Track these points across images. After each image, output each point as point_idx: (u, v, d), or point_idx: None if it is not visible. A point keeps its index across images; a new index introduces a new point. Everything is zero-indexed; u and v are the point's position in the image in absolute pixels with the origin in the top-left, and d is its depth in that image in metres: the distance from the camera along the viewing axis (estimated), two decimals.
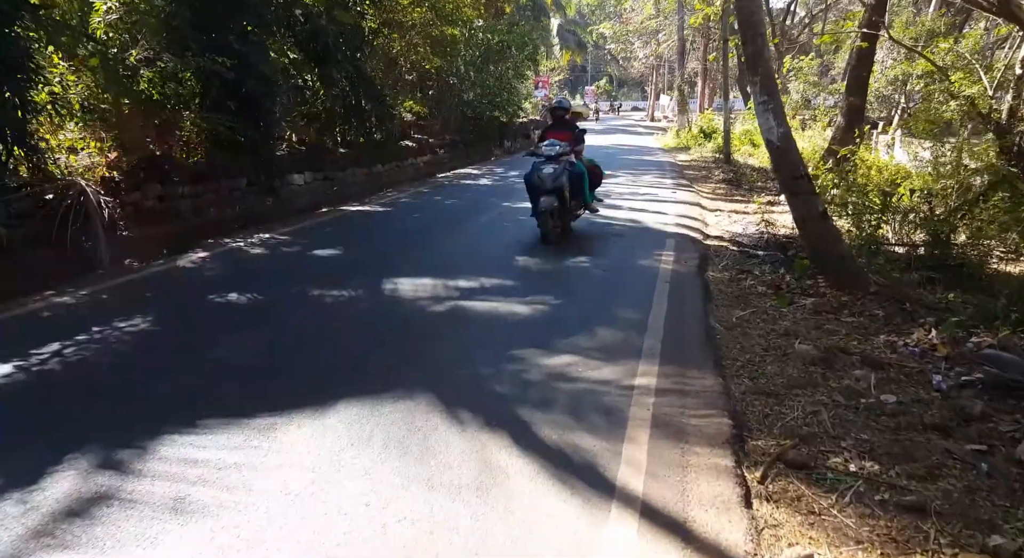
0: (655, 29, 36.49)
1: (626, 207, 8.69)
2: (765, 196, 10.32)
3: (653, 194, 10.04)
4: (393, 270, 5.06)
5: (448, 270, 5.08)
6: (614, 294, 4.59)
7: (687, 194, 10.21)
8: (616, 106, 58.32)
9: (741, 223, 8.05)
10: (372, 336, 3.74)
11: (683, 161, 16.96)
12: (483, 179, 12.24)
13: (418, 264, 5.36)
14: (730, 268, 5.65)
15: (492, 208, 8.50)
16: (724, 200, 10.08)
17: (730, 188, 11.66)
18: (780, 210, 8.93)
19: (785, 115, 5.05)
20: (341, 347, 3.58)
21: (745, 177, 13.20)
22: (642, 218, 7.83)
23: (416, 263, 5.40)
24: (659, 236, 6.81)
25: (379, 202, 9.19)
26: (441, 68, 14.95)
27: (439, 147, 14.72)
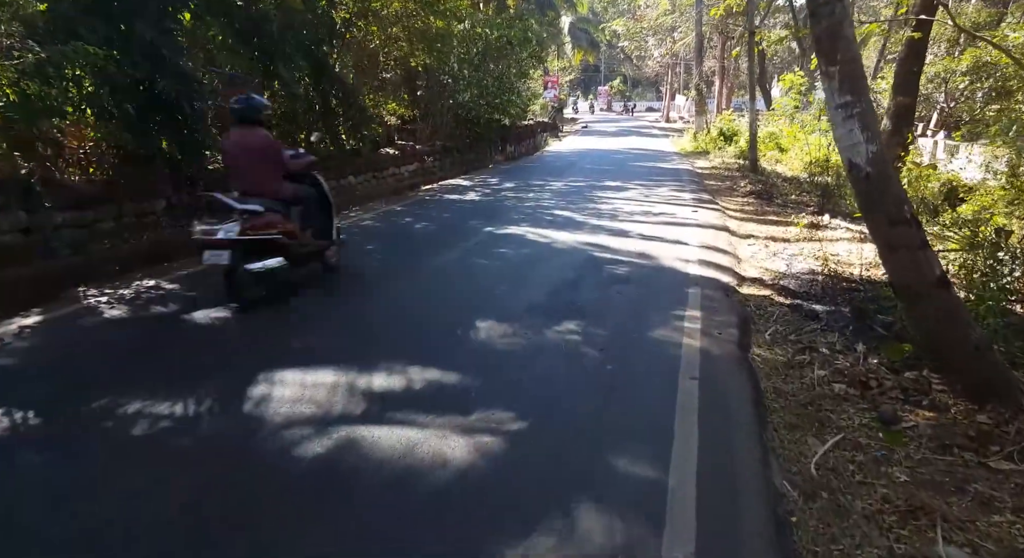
0: (671, 26, 34.66)
1: (635, 233, 6.99)
2: (805, 216, 8.57)
3: (669, 214, 8.33)
4: (280, 356, 3.40)
5: (362, 354, 3.41)
6: (612, 409, 2.90)
7: (711, 214, 8.49)
8: (630, 107, 56.40)
9: (783, 255, 6.33)
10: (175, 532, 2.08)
11: (702, 169, 15.20)
12: (472, 193, 10.61)
13: (325, 339, 3.70)
14: (783, 340, 3.95)
15: (469, 235, 6.86)
16: (756, 221, 8.35)
17: (760, 203, 9.91)
18: (831, 236, 7.18)
19: (878, 126, 3.35)
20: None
21: (776, 189, 11.43)
22: (655, 251, 6.13)
23: (323, 337, 3.75)
24: (678, 282, 5.12)
25: (339, 224, 7.57)
26: (431, 66, 13.35)
27: (428, 154, 13.12)
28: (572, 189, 10.88)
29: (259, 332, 3.88)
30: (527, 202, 9.36)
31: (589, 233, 6.97)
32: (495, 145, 18.49)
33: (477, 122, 15.61)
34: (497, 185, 11.64)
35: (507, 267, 5.50)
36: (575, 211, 8.49)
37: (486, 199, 9.82)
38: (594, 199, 9.62)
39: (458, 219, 7.93)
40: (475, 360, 3.39)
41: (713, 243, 6.63)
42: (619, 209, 8.64)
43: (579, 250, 6.16)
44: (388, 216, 8.17)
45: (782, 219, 8.48)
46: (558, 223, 7.60)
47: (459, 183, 12.16)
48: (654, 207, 8.91)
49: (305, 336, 3.76)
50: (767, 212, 9.09)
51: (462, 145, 15.30)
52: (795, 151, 16.17)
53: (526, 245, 6.38)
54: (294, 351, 3.50)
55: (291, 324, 4.03)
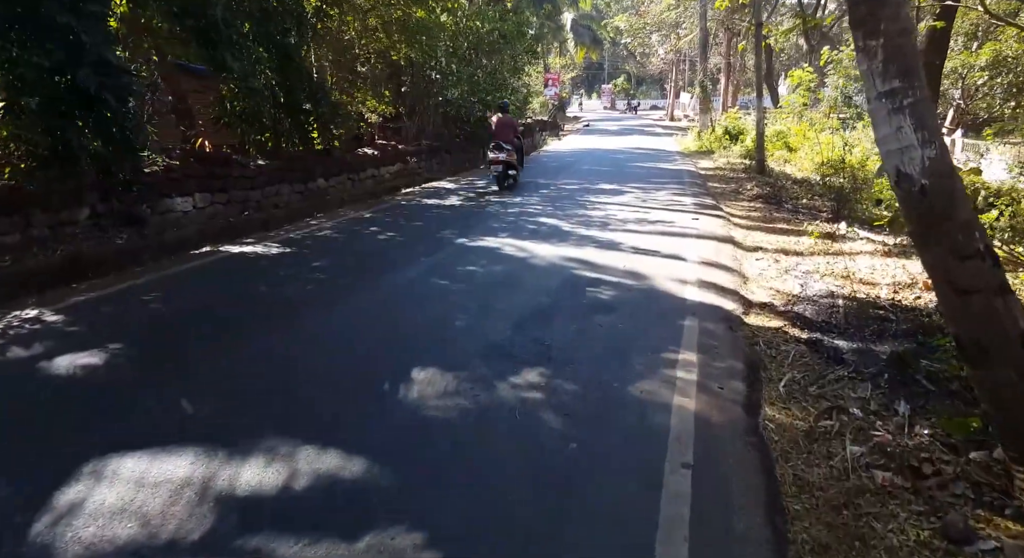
0: (674, 21, 33.71)
1: (627, 246, 6.14)
2: (819, 223, 7.71)
3: (667, 222, 7.47)
4: (126, 430, 2.57)
5: (243, 425, 2.55)
6: (568, 528, 2.06)
7: (713, 222, 7.63)
8: (634, 105, 55.44)
9: (797, 273, 5.47)
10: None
11: (706, 169, 14.32)
12: (453, 197, 9.78)
13: (201, 399, 2.88)
14: (802, 393, 3.11)
15: (437, 248, 6.04)
16: (764, 229, 7.48)
17: (769, 209, 9.04)
18: (849, 249, 6.32)
19: (937, 122, 2.49)
20: None
21: (785, 191, 10.56)
22: (648, 268, 5.29)
23: (200, 396, 2.92)
24: (672, 310, 4.28)
25: (291, 235, 6.77)
26: (416, 60, 12.53)
27: (412, 155, 12.30)
28: (564, 192, 10.04)
29: (115, 389, 3.03)
30: (511, 208, 8.52)
31: (574, 246, 6.14)
32: (489, 144, 17.66)
33: (468, 120, 14.78)
34: (483, 188, 10.80)
35: (471, 291, 4.67)
36: (563, 219, 7.65)
37: (468, 204, 8.99)
38: (586, 204, 8.78)
39: (430, 228, 7.10)
40: (392, 438, 2.55)
41: (715, 258, 5.78)
42: (612, 216, 7.80)
43: (560, 267, 5.32)
44: (352, 225, 7.34)
45: (793, 227, 7.62)
46: (541, 233, 6.76)
47: (443, 185, 11.33)
48: (651, 214, 8.06)
49: (176, 394, 2.92)
50: (776, 219, 8.23)
51: (451, 145, 14.49)
52: (805, 151, 15.27)
53: (499, 261, 5.55)
54: (150, 420, 2.66)
55: (165, 374, 3.19)
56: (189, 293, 4.74)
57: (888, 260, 5.87)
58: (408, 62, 12.78)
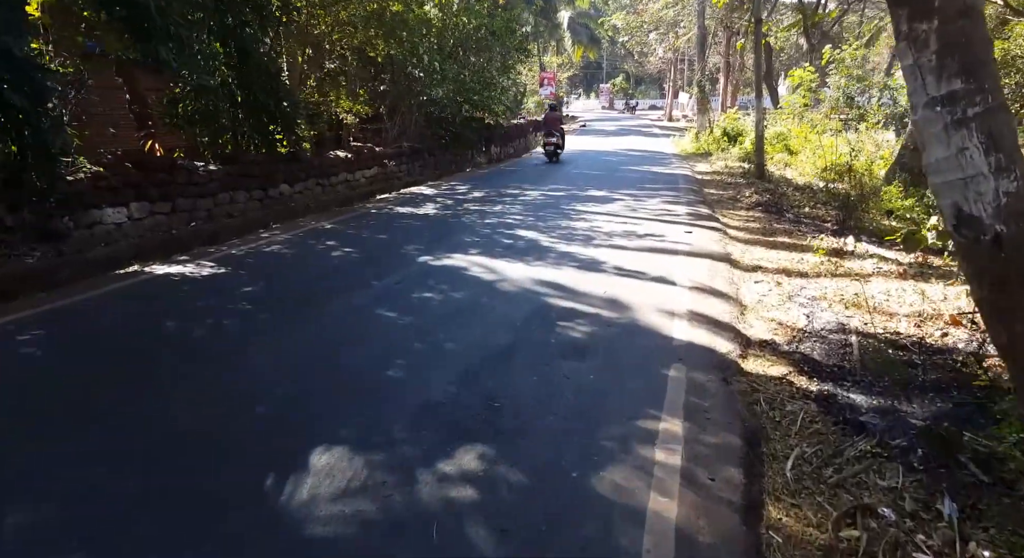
0: (673, 19, 33.01)
1: (611, 266, 5.45)
2: (824, 236, 7.03)
3: (658, 236, 6.78)
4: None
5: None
6: None
7: (709, 235, 6.94)
8: (632, 105, 54.76)
9: (802, 299, 4.79)
10: None
11: (703, 173, 13.65)
12: (430, 204, 9.09)
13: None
14: (814, 480, 2.42)
15: (395, 268, 5.35)
16: (764, 244, 6.80)
17: (769, 219, 8.37)
18: (860, 268, 5.64)
19: (1017, 139, 1.78)
20: None
21: (786, 199, 9.89)
22: (632, 295, 4.60)
23: None
24: (656, 353, 3.59)
25: (233, 251, 6.06)
26: (396, 57, 11.83)
27: (390, 158, 11.60)
28: (549, 200, 9.35)
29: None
30: (489, 217, 7.83)
31: (552, 265, 5.45)
32: (478, 146, 16.99)
33: (453, 121, 14.07)
34: (464, 194, 10.12)
35: (421, 325, 3.98)
36: (543, 231, 6.96)
37: (443, 213, 8.29)
38: (570, 214, 8.09)
39: (395, 242, 6.40)
40: (287, 545, 1.87)
41: (709, 281, 5.09)
42: (597, 229, 7.11)
43: (531, 294, 4.63)
44: (308, 238, 6.64)
45: (796, 241, 6.94)
46: (517, 249, 6.08)
47: (422, 191, 10.63)
48: (641, 225, 7.37)
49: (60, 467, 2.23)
50: (777, 231, 7.54)
51: (435, 146, 13.78)
52: (806, 154, 14.61)
53: (463, 285, 4.86)
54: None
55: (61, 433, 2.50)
56: (76, 331, 4.03)
57: (904, 284, 5.19)
58: (388, 59, 12.08)
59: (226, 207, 7.45)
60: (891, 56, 32.88)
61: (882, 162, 12.33)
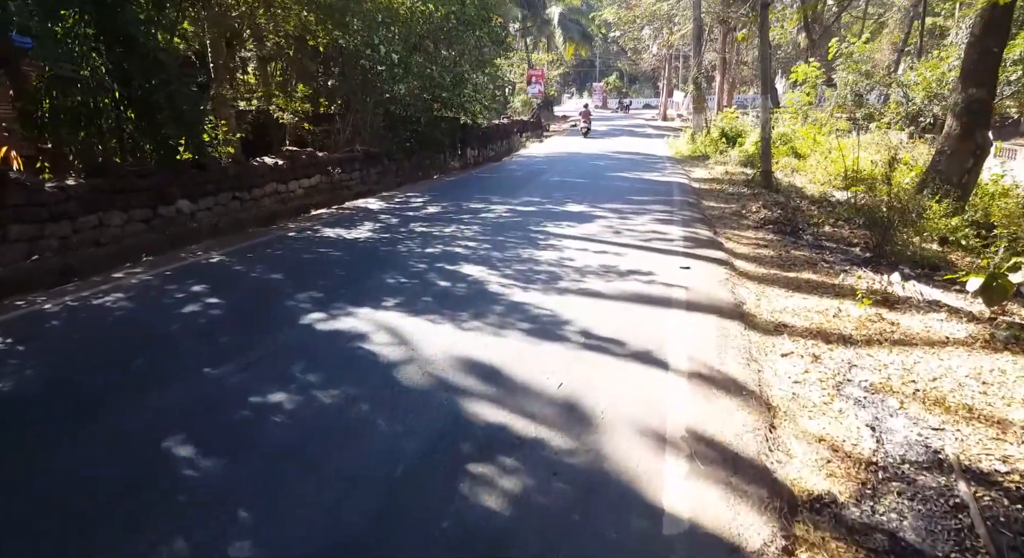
0: (667, 14, 31.44)
1: (576, 330, 3.82)
2: (860, 273, 5.43)
3: (644, 274, 5.15)
4: None
5: None
6: None
7: (711, 272, 5.33)
8: (626, 104, 53.23)
9: (856, 391, 3.18)
10: None
11: (700, 181, 12.05)
12: (368, 224, 7.43)
13: None
14: None
15: (259, 338, 3.70)
16: (784, 282, 5.19)
17: (784, 242, 6.78)
18: (924, 329, 4.04)
19: None
20: None
21: (801, 214, 8.31)
22: (601, 395, 2.97)
23: None
24: (636, 539, 1.98)
25: (47, 307, 4.40)
26: (346, 48, 10.19)
27: (337, 164, 9.94)
28: (516, 218, 7.73)
29: None
30: (434, 244, 6.20)
31: (493, 329, 3.83)
32: (452, 149, 15.36)
33: (418, 121, 12.44)
34: (417, 209, 8.48)
35: (219, 481, 2.34)
36: (497, 266, 5.34)
37: (378, 237, 6.64)
38: (538, 239, 6.46)
39: (286, 286, 4.73)
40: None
41: (717, 358, 3.47)
42: (568, 262, 5.49)
43: (444, 393, 3.00)
44: (172, 281, 4.94)
45: (824, 278, 5.34)
46: (452, 299, 4.45)
47: (369, 205, 8.97)
48: (624, 256, 5.75)
49: None
50: (796, 261, 5.94)
51: (398, 150, 12.14)
52: (816, 158, 13.04)
53: (344, 373, 3.22)
54: None
55: None
56: None
57: (1000, 359, 3.59)
58: (337, 50, 10.43)
59: (92, 232, 5.79)
60: (898, 52, 31.42)
61: (906, 168, 10.77)
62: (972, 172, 8.49)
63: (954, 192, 8.15)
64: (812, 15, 28.91)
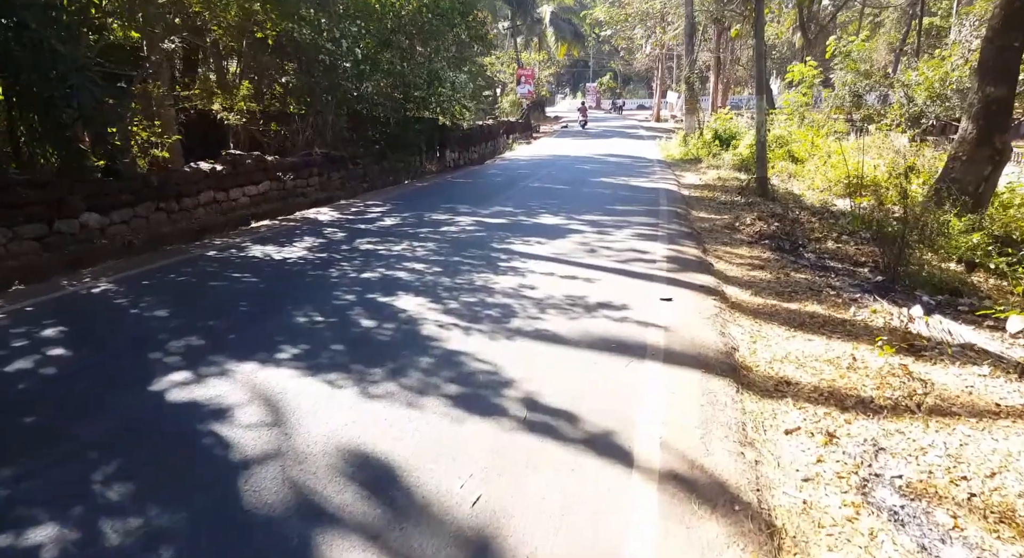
0: (659, 13, 30.64)
1: (519, 395, 2.93)
2: (874, 304, 4.56)
3: (618, 308, 4.25)
4: None
5: None
6: None
7: (697, 304, 4.43)
8: (619, 105, 52.36)
9: (892, 497, 2.30)
10: None
11: (691, 187, 11.20)
12: (307, 240, 6.52)
13: None
14: None
15: (104, 412, 2.80)
16: (785, 318, 4.31)
17: (782, 261, 5.92)
18: (964, 388, 3.17)
19: None
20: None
21: (800, 227, 7.45)
22: (531, 516, 2.10)
23: None
24: None
25: None
26: (303, 42, 9.27)
27: (290, 169, 9.02)
28: (480, 232, 6.83)
29: None
30: (375, 267, 5.29)
31: (408, 397, 2.92)
32: (432, 151, 14.47)
33: (387, 122, 11.53)
34: (372, 221, 7.56)
35: None
36: (442, 296, 4.44)
37: (311, 258, 5.71)
38: (499, 260, 5.57)
39: (162, 332, 3.78)
40: None
41: (700, 446, 2.58)
42: (527, 291, 4.59)
43: (307, 517, 2.10)
44: (18, 324, 3.97)
45: (831, 311, 4.47)
46: (369, 348, 3.54)
47: (320, 216, 8.04)
48: (596, 283, 4.86)
49: None
50: (798, 287, 5.07)
51: (365, 153, 11.23)
52: (814, 163, 12.20)
53: (173, 477, 2.28)
54: None
55: None
56: None
57: None
58: (294, 45, 9.52)
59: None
60: (896, 52, 30.69)
61: (912, 175, 9.94)
62: (990, 180, 7.66)
63: (970, 202, 7.34)
64: (808, 14, 28.17)
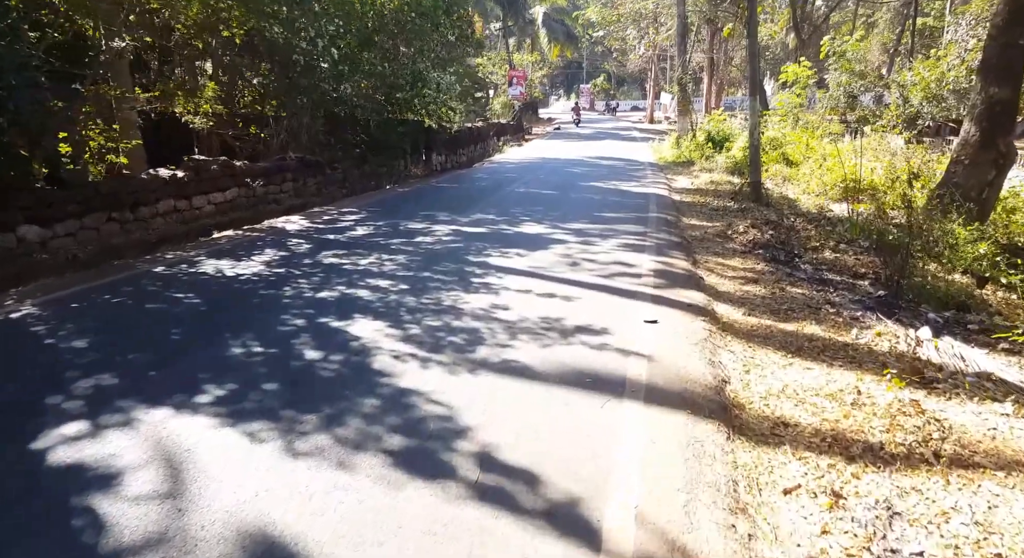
0: (652, 13, 30.29)
1: (474, 447, 2.49)
2: (876, 320, 4.15)
3: (596, 334, 3.82)
4: None
5: None
6: None
7: (685, 327, 4.00)
8: (612, 106, 51.93)
9: None
10: None
11: (683, 191, 10.80)
12: (267, 253, 6.07)
13: None
14: None
15: None
16: (781, 341, 3.89)
17: (777, 274, 5.51)
18: (979, 423, 2.74)
19: None
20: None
21: (796, 235, 7.06)
22: None
23: None
24: None
25: None
26: (275, 40, 8.83)
27: (263, 174, 8.57)
28: (457, 243, 6.40)
29: None
30: (333, 286, 4.84)
31: (341, 453, 2.48)
32: (418, 154, 14.04)
33: (367, 125, 11.09)
34: (343, 230, 7.12)
35: None
36: (402, 321, 4.00)
37: (267, 274, 5.25)
38: (472, 275, 5.13)
39: (73, 367, 3.31)
40: None
41: (682, 516, 2.15)
42: (499, 313, 4.16)
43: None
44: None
45: (831, 333, 4.07)
46: (308, 388, 3.10)
47: (286, 225, 7.59)
48: (576, 301, 4.44)
49: None
50: (794, 303, 4.67)
51: (345, 157, 10.79)
52: (809, 166, 11.82)
53: None
54: None
55: None
56: None
57: None
58: (268, 44, 9.07)
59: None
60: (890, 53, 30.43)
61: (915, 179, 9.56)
62: (993, 185, 7.28)
63: (974, 209, 6.96)
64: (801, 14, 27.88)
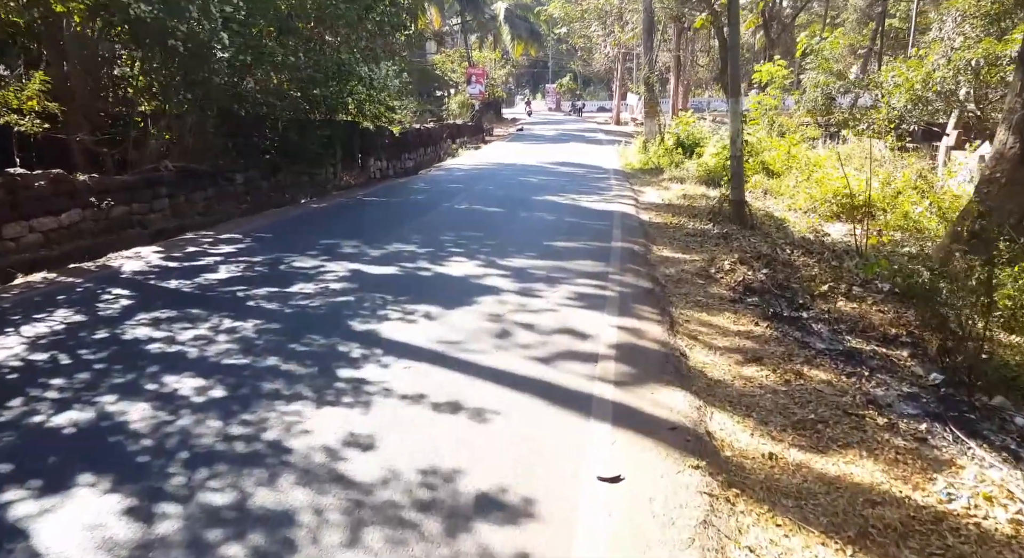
0: (617, 10, 28.95)
1: None
2: (943, 431, 2.60)
3: (502, 523, 2.17)
4: None
5: None
6: None
7: (669, 483, 2.36)
8: (578, 106, 50.55)
9: None
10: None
11: (652, 207, 9.25)
12: (54, 318, 4.14)
13: None
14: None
15: None
16: (819, 501, 2.28)
17: (783, 342, 3.93)
18: None
19: None
20: None
21: (793, 272, 5.55)
22: None
23: None
24: None
25: None
26: (141, 19, 6.90)
27: (122, 189, 6.64)
28: (345, 297, 4.64)
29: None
30: (97, 390, 3.06)
31: None
32: (352, 160, 12.20)
33: (276, 126, 9.22)
34: (196, 271, 5.27)
35: None
36: (165, 490, 2.26)
37: (14, 364, 3.43)
38: (343, 362, 3.40)
39: None
40: None
41: None
42: (355, 449, 2.45)
43: None
44: None
45: (892, 473, 2.49)
46: None
47: (129, 261, 5.69)
48: (488, 424, 2.76)
49: None
50: (819, 398, 3.10)
51: (250, 164, 8.90)
52: (794, 177, 10.46)
53: None
54: None
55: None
56: None
57: None
58: (135, 25, 7.13)
59: None
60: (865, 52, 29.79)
61: (916, 194, 8.24)
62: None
63: (1015, 238, 5.57)
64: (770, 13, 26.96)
